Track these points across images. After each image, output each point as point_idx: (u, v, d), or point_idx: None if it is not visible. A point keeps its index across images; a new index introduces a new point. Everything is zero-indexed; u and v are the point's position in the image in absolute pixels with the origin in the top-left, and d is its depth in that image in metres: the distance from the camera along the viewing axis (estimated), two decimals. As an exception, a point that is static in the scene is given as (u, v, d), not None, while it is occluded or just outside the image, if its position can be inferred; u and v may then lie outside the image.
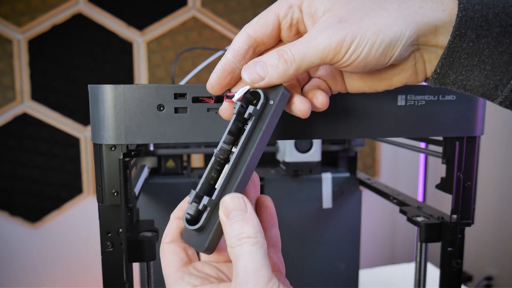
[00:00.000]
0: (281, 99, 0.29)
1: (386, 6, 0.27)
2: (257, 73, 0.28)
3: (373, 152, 2.17)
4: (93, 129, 0.37)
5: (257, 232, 0.26)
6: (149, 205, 0.69)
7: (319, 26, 0.27)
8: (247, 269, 0.25)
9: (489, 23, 0.26)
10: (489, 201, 1.89)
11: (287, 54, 0.28)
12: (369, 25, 0.26)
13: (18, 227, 1.76)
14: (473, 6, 0.26)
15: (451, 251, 0.46)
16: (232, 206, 0.27)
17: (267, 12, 0.29)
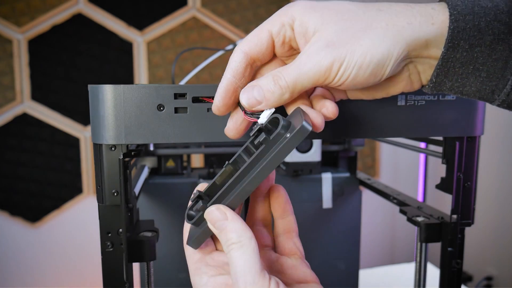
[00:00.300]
0: (298, 133, 0.27)
1: (374, 25, 0.27)
2: (254, 97, 0.29)
3: (373, 152, 2.17)
4: (93, 129, 0.37)
5: (240, 237, 0.28)
6: (149, 205, 0.69)
7: (309, 50, 0.28)
8: (237, 273, 0.27)
9: (481, 32, 0.26)
10: (489, 201, 1.89)
11: (282, 81, 0.29)
12: (356, 47, 0.27)
13: (18, 227, 1.76)
14: (464, 17, 0.26)
15: (451, 251, 0.46)
16: (213, 217, 0.29)
17: (260, 29, 0.30)
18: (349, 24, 0.27)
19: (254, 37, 0.30)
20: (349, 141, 0.76)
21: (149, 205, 0.69)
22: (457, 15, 0.26)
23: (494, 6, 0.26)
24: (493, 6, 0.26)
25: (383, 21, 0.27)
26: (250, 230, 0.29)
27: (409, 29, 0.27)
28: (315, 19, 0.28)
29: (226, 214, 0.29)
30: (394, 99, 0.40)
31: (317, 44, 0.28)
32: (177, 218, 0.69)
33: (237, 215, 0.29)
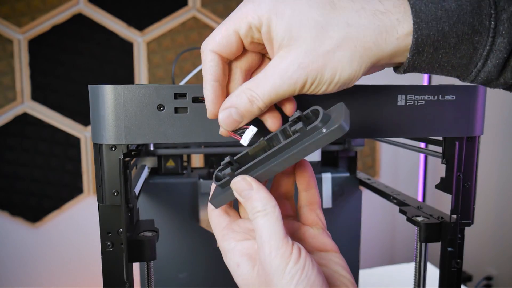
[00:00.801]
0: (334, 131, 0.28)
1: (343, 47, 0.28)
2: (234, 119, 0.31)
3: (373, 152, 2.17)
4: (93, 129, 0.37)
5: (265, 205, 0.30)
6: (149, 205, 0.69)
7: (280, 65, 0.29)
8: (262, 239, 0.29)
9: (445, 36, 0.27)
10: (489, 201, 1.89)
11: (258, 101, 0.30)
12: (326, 69, 0.28)
13: (18, 227, 1.76)
14: (427, 24, 0.27)
15: (451, 251, 0.46)
16: (240, 187, 0.31)
17: (227, 30, 0.30)
18: (318, 43, 0.28)
19: (222, 38, 0.30)
20: (349, 141, 0.76)
21: (149, 205, 0.69)
22: (420, 23, 0.27)
23: (458, 6, 0.27)
24: (457, 7, 0.27)
25: (351, 42, 0.28)
26: (274, 199, 0.31)
27: (375, 48, 0.28)
28: (282, 30, 0.28)
29: (251, 185, 0.31)
30: (394, 99, 0.40)
31: (288, 62, 0.28)
32: (177, 218, 0.69)
33: (262, 185, 0.31)
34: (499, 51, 0.27)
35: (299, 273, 0.28)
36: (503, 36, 0.27)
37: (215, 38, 0.30)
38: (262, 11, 0.28)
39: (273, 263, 0.28)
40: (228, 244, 0.33)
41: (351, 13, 0.28)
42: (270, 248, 0.29)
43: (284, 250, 0.28)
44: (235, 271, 0.32)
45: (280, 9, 0.28)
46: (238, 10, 0.30)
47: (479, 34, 0.27)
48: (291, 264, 0.28)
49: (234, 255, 0.32)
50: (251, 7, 0.29)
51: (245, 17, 0.29)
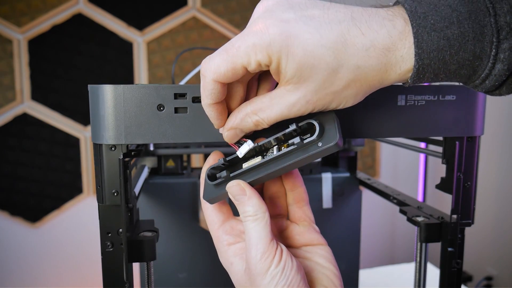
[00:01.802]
0: (330, 147, 0.30)
1: (350, 87, 0.29)
2: (239, 137, 0.33)
3: (373, 152, 2.17)
4: (93, 129, 0.37)
5: (257, 211, 0.32)
6: (149, 205, 0.69)
7: (288, 99, 0.30)
8: (250, 242, 0.32)
9: (446, 64, 0.28)
10: (489, 201, 1.89)
11: (263, 124, 0.32)
12: (332, 103, 0.30)
13: (18, 227, 1.76)
14: (429, 54, 0.28)
15: (451, 251, 0.46)
16: (234, 191, 0.33)
17: (234, 63, 0.29)
18: (328, 84, 0.29)
19: (228, 71, 0.29)
20: (349, 141, 0.76)
21: (149, 205, 0.69)
22: (422, 54, 0.28)
23: (461, 34, 0.27)
24: (460, 34, 0.27)
25: (359, 82, 0.29)
26: (265, 205, 0.33)
27: (378, 85, 0.30)
28: (293, 71, 0.28)
29: (245, 190, 0.33)
30: (394, 99, 0.40)
31: (296, 97, 0.30)
32: (177, 218, 0.69)
33: (255, 191, 0.33)
34: (498, 75, 0.28)
35: (279, 274, 0.31)
36: (503, 63, 0.27)
37: (220, 69, 0.29)
38: (273, 50, 0.28)
39: (258, 265, 0.31)
40: (222, 245, 0.35)
41: (361, 53, 0.28)
42: (256, 251, 0.31)
43: (268, 254, 0.31)
44: (229, 269, 0.35)
45: (292, 50, 0.28)
46: (245, 41, 0.28)
47: (480, 59, 0.28)
48: (273, 267, 0.31)
49: (227, 255, 0.35)
50: (260, 44, 0.28)
51: (254, 55, 0.28)
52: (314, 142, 0.31)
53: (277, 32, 0.27)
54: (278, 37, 0.27)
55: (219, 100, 0.31)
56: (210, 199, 0.36)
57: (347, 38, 0.28)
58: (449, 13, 0.27)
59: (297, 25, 0.28)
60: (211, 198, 0.35)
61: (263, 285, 0.31)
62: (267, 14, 0.28)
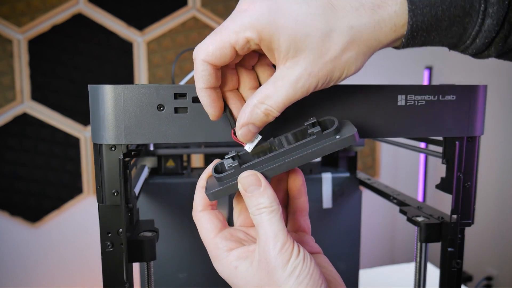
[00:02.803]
0: (347, 139, 0.31)
1: (348, 49, 0.29)
2: (251, 132, 0.32)
3: (373, 152, 2.17)
4: (93, 129, 0.37)
5: (272, 202, 0.31)
6: (149, 205, 0.69)
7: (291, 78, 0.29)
8: (267, 234, 0.30)
9: (438, 20, 0.28)
10: (489, 201, 1.89)
11: (274, 113, 0.31)
12: (335, 71, 0.30)
13: (18, 227, 1.76)
14: (422, 10, 0.28)
15: (451, 251, 0.46)
16: (248, 182, 0.32)
17: (222, 41, 0.29)
18: (324, 50, 0.28)
19: (216, 50, 0.29)
20: (349, 141, 0.76)
21: (149, 205, 0.69)
22: (415, 10, 0.28)
23: None
24: None
25: (355, 43, 0.29)
26: (278, 199, 0.32)
27: (376, 44, 0.29)
28: (287, 44, 0.28)
29: (260, 181, 0.32)
30: (394, 99, 0.40)
31: (298, 72, 0.29)
32: (177, 218, 0.69)
33: (269, 184, 0.32)
34: (488, 31, 0.29)
35: (301, 264, 0.30)
36: (492, 18, 0.28)
37: (208, 48, 0.29)
38: (261, 25, 0.28)
39: (278, 258, 0.30)
40: (221, 252, 0.33)
41: (352, 13, 0.28)
42: (276, 243, 0.30)
43: (288, 245, 0.30)
44: (232, 273, 0.33)
45: (281, 22, 0.27)
46: (233, 21, 0.29)
47: (470, 15, 0.28)
48: (293, 257, 0.30)
49: (229, 260, 0.33)
50: (248, 21, 0.28)
51: (242, 32, 0.28)
52: (332, 135, 0.31)
53: (264, 8, 0.28)
54: (265, 12, 0.28)
55: (211, 84, 0.31)
56: (212, 193, 0.34)
57: (334, 3, 0.28)
58: None
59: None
60: (214, 191, 0.34)
61: (284, 277, 0.30)
62: None
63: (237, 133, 0.32)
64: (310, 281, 0.30)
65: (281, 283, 0.30)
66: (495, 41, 0.29)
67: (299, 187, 0.37)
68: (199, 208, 0.35)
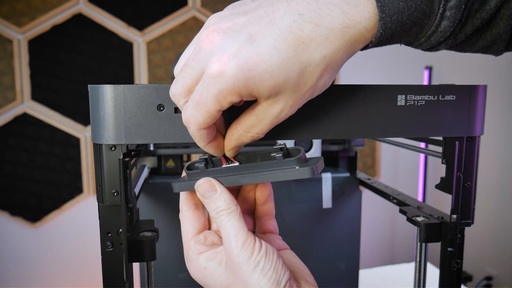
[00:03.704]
0: (304, 171, 0.32)
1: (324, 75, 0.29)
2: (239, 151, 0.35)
3: (373, 152, 2.17)
4: (93, 129, 0.37)
5: (229, 204, 0.33)
6: (149, 205, 0.69)
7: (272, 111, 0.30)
8: (229, 234, 0.33)
9: (402, 24, 0.29)
10: (489, 201, 1.89)
11: (259, 136, 0.33)
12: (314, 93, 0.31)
13: (18, 227, 1.76)
14: (391, 18, 0.28)
15: (451, 251, 0.46)
16: (203, 189, 0.34)
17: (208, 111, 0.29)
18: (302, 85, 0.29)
19: (206, 119, 0.30)
20: (349, 141, 0.76)
21: (149, 205, 0.69)
22: (385, 18, 0.28)
23: None
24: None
25: (330, 67, 0.29)
26: (235, 200, 0.34)
27: (346, 58, 0.30)
28: (267, 92, 0.28)
29: (215, 187, 0.34)
30: (394, 99, 0.40)
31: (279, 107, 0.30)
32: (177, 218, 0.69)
33: (225, 188, 0.34)
34: (443, 32, 0.29)
35: (263, 258, 0.32)
36: (448, 20, 0.29)
37: (198, 120, 0.30)
38: (240, 88, 0.28)
39: (240, 255, 0.32)
40: (193, 254, 0.35)
41: (322, 42, 0.28)
42: (237, 241, 0.32)
43: (249, 242, 0.32)
44: (202, 274, 0.35)
45: (257, 75, 0.27)
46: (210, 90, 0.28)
47: (428, 17, 0.29)
48: (255, 253, 0.32)
49: (199, 262, 0.35)
50: (226, 88, 0.28)
51: (224, 99, 0.28)
52: (293, 164, 0.32)
53: (236, 69, 0.27)
54: (239, 75, 0.27)
55: (212, 137, 0.33)
56: (176, 185, 0.36)
57: (304, 38, 0.27)
58: None
59: (251, 52, 0.27)
60: (177, 184, 0.36)
61: (249, 272, 0.31)
62: (217, 49, 0.28)
63: (226, 153, 0.35)
64: (274, 273, 0.31)
65: (246, 277, 0.31)
66: (447, 39, 0.30)
67: (266, 197, 0.39)
68: (183, 208, 0.37)
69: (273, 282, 0.31)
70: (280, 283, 0.31)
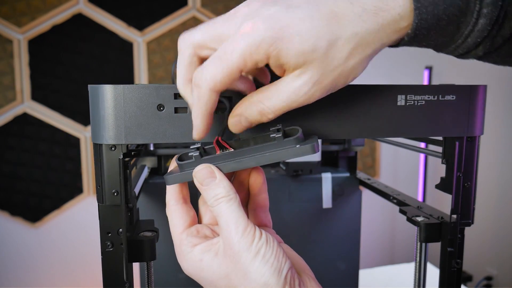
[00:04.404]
0: (306, 148, 0.32)
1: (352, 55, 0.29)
2: (243, 126, 0.32)
3: (373, 152, 2.17)
4: (93, 129, 0.37)
5: (229, 191, 0.32)
6: (149, 205, 0.69)
7: (294, 85, 0.29)
8: (228, 221, 0.31)
9: (438, 19, 0.29)
10: (489, 201, 1.89)
11: (270, 115, 0.31)
12: (340, 79, 0.30)
13: (18, 227, 1.76)
14: (426, 9, 0.28)
15: (451, 251, 0.46)
16: (202, 175, 0.33)
17: (229, 68, 0.28)
18: (330, 59, 0.29)
19: (224, 78, 0.29)
20: (349, 141, 0.76)
21: (149, 205, 0.69)
22: (420, 8, 0.28)
23: None
24: None
25: (360, 48, 0.29)
26: (234, 188, 0.33)
27: (380, 46, 0.30)
28: (295, 57, 0.28)
29: (214, 173, 0.33)
30: (394, 99, 0.40)
31: (302, 81, 0.29)
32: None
33: (224, 175, 0.33)
34: (481, 31, 0.29)
35: (264, 245, 0.31)
36: (485, 18, 0.29)
37: (215, 77, 0.29)
38: (267, 47, 0.27)
39: (241, 242, 0.31)
40: (186, 247, 0.34)
41: (355, 19, 0.28)
42: (237, 228, 0.31)
43: (250, 229, 0.31)
44: (197, 267, 0.33)
45: (287, 39, 0.27)
46: (237, 45, 0.28)
47: (465, 15, 0.29)
48: (256, 240, 0.31)
49: (194, 254, 0.33)
50: (253, 43, 0.27)
51: (249, 55, 0.28)
52: (293, 143, 0.32)
53: (267, 27, 0.27)
54: (269, 32, 0.27)
55: (213, 109, 0.31)
56: (170, 177, 0.35)
57: (338, 13, 0.28)
58: None
59: (285, 15, 0.28)
60: (171, 175, 0.35)
61: (250, 259, 0.30)
62: (253, 14, 0.28)
63: (228, 120, 0.33)
64: (275, 260, 0.30)
65: (247, 265, 0.30)
66: (485, 41, 0.30)
67: (260, 185, 0.37)
68: (171, 202, 0.36)
69: (275, 270, 0.30)
70: (281, 271, 0.30)
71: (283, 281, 0.30)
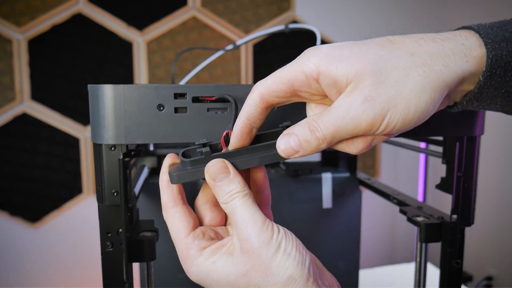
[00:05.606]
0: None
1: (411, 75, 0.27)
2: (291, 147, 0.30)
3: (373, 152, 2.17)
4: (93, 129, 0.37)
5: (244, 187, 0.31)
6: (149, 205, 0.69)
7: (345, 102, 0.28)
8: (244, 217, 0.30)
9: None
10: (489, 201, 1.89)
11: (319, 133, 0.29)
12: (398, 101, 0.27)
13: (18, 227, 1.76)
14: (499, 44, 0.27)
15: (451, 251, 0.46)
16: (216, 170, 0.31)
17: (281, 77, 0.29)
18: (385, 75, 0.27)
19: (274, 84, 0.29)
20: (349, 141, 0.76)
21: (149, 205, 0.69)
22: (492, 44, 0.27)
23: None
24: None
25: (419, 68, 0.27)
26: (247, 184, 0.32)
27: (446, 71, 0.27)
28: (344, 70, 0.27)
29: (228, 169, 0.32)
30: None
31: (353, 97, 0.27)
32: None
33: (237, 171, 0.32)
34: None
35: (284, 239, 0.30)
36: None
37: (267, 82, 0.30)
38: (318, 60, 0.28)
39: (261, 236, 0.30)
40: (194, 251, 0.32)
41: (411, 44, 0.28)
42: (254, 223, 0.30)
43: (268, 223, 0.30)
44: (210, 270, 0.31)
45: (337, 53, 0.28)
46: (295, 60, 0.29)
47: None
48: (275, 234, 0.30)
49: (205, 258, 0.32)
50: (306, 58, 0.29)
51: (300, 68, 0.28)
52: None
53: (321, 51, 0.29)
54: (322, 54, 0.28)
55: (250, 116, 0.31)
56: (177, 175, 0.33)
57: (391, 39, 0.28)
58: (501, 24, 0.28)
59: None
60: (179, 174, 0.33)
61: (271, 254, 0.29)
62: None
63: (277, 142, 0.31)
64: (297, 253, 0.30)
65: (268, 261, 0.29)
66: None
67: (262, 179, 0.36)
68: (170, 204, 0.34)
69: (298, 263, 0.29)
70: (304, 263, 0.30)
71: (307, 273, 0.30)
